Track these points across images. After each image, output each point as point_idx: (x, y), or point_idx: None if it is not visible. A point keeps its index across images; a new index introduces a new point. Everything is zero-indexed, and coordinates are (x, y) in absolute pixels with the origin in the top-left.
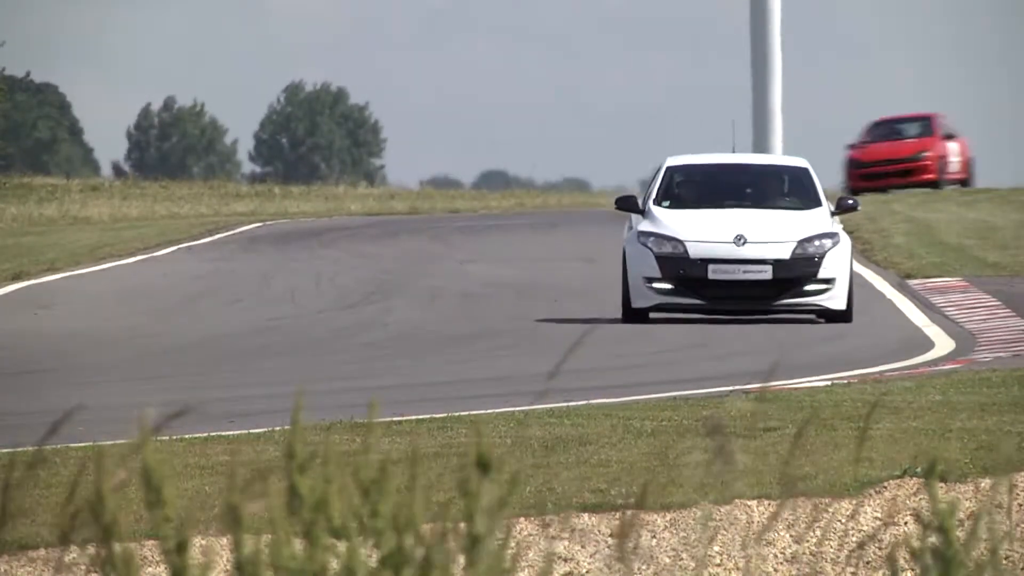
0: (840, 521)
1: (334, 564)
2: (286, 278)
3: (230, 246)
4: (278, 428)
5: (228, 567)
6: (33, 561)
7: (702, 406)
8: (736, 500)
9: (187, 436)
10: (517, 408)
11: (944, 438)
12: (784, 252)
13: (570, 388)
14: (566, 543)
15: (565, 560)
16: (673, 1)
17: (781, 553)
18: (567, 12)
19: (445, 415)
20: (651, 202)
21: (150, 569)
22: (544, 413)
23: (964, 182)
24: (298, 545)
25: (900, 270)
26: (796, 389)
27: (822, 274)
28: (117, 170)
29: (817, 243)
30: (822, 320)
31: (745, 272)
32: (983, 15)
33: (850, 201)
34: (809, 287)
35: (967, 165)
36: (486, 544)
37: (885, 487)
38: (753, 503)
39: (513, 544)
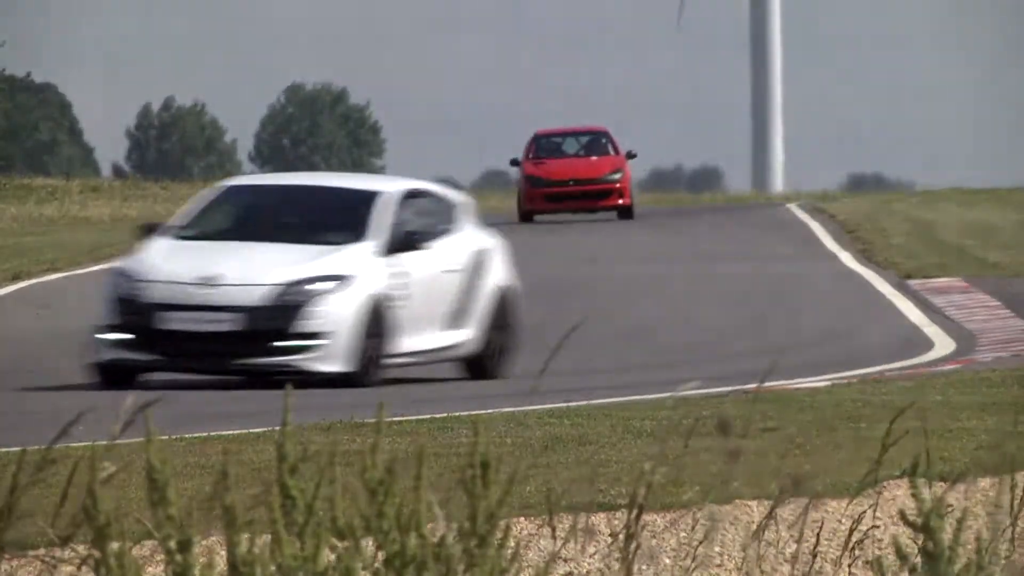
0: (840, 521)
1: (333, 563)
2: None
3: None
4: (278, 428)
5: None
6: (33, 561)
7: (702, 406)
8: (736, 500)
9: (187, 436)
10: (517, 408)
11: (944, 438)
12: (258, 298)
13: (570, 388)
14: (566, 543)
15: (565, 560)
16: (674, 1)
17: (781, 553)
18: (567, 12)
19: (445, 415)
20: (166, 231)
21: (150, 569)
22: (544, 413)
23: (631, 210)
24: (296, 545)
25: (900, 270)
26: (796, 389)
27: (306, 327)
28: (117, 170)
29: (307, 288)
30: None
31: (209, 322)
32: (983, 15)
33: (414, 235)
34: (282, 343)
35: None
36: (486, 544)
37: (885, 487)
38: (753, 503)
39: (513, 544)
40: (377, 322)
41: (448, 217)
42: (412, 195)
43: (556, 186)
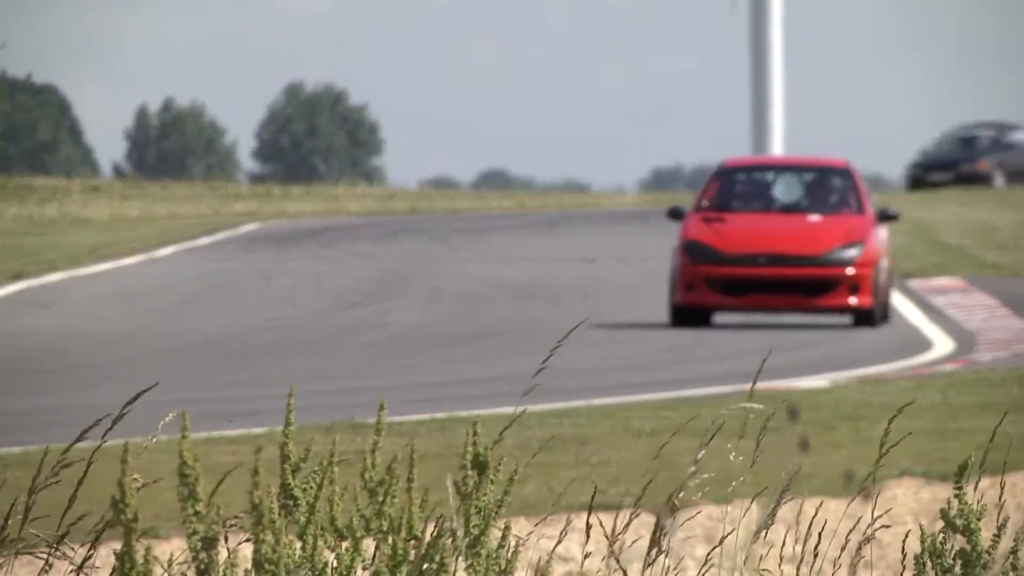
0: (840, 521)
1: (333, 563)
2: (286, 278)
3: (230, 246)
4: (278, 428)
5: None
6: (33, 561)
7: (702, 406)
8: (736, 500)
9: (187, 436)
10: (517, 408)
11: (944, 438)
12: None
13: (570, 388)
14: (566, 543)
15: (565, 560)
16: (674, 2)
17: (781, 554)
18: (567, 12)
19: (445, 415)
20: None
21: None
22: (544, 413)
23: (871, 315)
24: (297, 546)
25: (900, 270)
26: (796, 389)
27: None
28: (117, 171)
29: None
30: None
31: None
32: (983, 15)
33: None
34: None
35: (889, 276)
36: (483, 544)
37: (885, 487)
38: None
39: (512, 544)
40: None
41: None
42: None
43: (737, 264)
